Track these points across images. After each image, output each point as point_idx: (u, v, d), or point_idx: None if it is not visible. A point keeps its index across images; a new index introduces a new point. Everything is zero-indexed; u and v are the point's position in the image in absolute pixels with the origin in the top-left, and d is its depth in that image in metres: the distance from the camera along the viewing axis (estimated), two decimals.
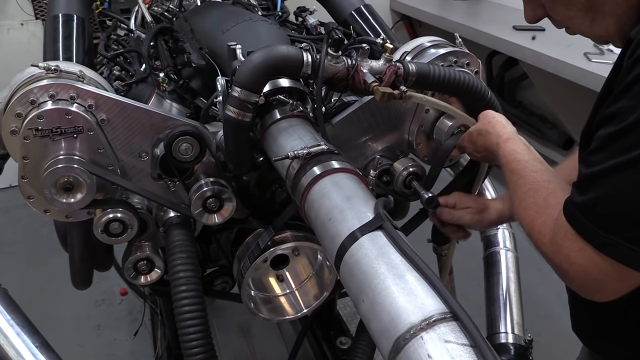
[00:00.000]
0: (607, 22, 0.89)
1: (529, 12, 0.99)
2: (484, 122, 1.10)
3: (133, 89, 1.34)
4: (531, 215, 0.90)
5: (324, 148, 0.98)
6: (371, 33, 1.64)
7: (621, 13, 0.87)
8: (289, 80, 1.17)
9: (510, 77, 4.18)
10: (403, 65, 1.06)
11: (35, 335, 1.14)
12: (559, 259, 0.84)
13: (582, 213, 0.80)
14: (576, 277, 0.83)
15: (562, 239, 0.82)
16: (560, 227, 0.83)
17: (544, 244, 0.87)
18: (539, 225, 0.88)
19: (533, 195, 0.92)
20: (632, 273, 0.78)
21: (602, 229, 0.77)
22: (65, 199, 1.09)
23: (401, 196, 1.29)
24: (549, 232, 0.85)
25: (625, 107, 0.75)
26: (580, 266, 0.81)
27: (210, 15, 1.56)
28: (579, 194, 0.81)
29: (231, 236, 1.40)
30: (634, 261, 0.77)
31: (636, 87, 0.74)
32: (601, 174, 0.78)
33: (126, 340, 2.61)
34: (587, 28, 0.93)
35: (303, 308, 1.34)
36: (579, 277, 0.83)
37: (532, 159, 0.97)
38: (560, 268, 0.85)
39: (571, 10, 0.92)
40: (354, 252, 0.79)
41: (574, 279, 0.84)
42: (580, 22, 0.93)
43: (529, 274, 2.50)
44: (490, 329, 1.53)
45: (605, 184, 0.77)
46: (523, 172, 0.95)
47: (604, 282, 0.81)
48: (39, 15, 3.74)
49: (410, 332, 0.65)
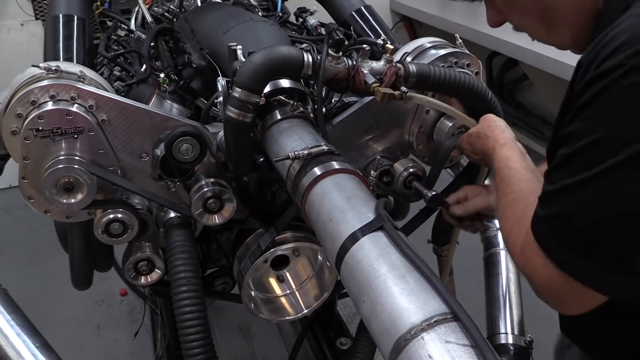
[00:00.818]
0: (561, 31, 0.91)
1: (491, 17, 1.01)
2: (483, 126, 1.10)
3: (133, 90, 1.34)
4: (509, 225, 0.90)
5: (325, 149, 0.98)
6: (371, 34, 1.64)
7: (575, 23, 0.89)
8: (289, 80, 1.17)
9: (510, 78, 4.18)
10: (403, 66, 1.06)
11: (36, 336, 1.14)
12: (527, 270, 0.84)
13: (544, 227, 0.80)
14: (542, 291, 0.83)
15: (530, 251, 0.82)
16: (528, 240, 0.83)
17: (516, 255, 0.87)
18: (513, 236, 0.88)
19: (514, 205, 0.92)
20: (592, 291, 0.76)
21: (561, 246, 0.77)
22: (66, 199, 1.09)
23: (402, 197, 1.29)
24: (520, 243, 0.85)
25: (578, 129, 0.76)
26: (544, 281, 0.81)
27: (210, 15, 1.56)
28: (541, 208, 0.81)
29: (231, 237, 1.40)
30: (591, 280, 0.75)
31: (587, 110, 0.74)
32: (557, 192, 0.78)
33: (126, 340, 2.61)
34: (544, 36, 0.95)
35: (303, 308, 1.34)
36: (544, 291, 0.83)
37: (523, 167, 0.97)
38: (529, 279, 0.85)
39: (526, 19, 0.94)
40: (354, 253, 0.79)
41: (540, 291, 0.84)
42: (537, 31, 0.95)
43: None
44: (491, 330, 1.53)
45: (560, 202, 0.77)
46: (511, 181, 0.95)
47: (566, 298, 0.81)
48: (39, 15, 3.74)
49: (411, 333, 0.64)
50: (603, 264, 0.74)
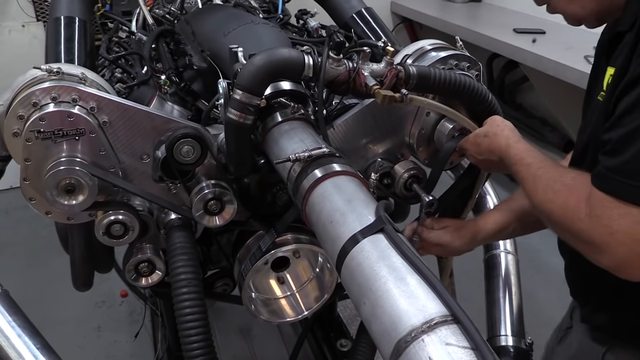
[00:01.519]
0: (583, 0, 0.95)
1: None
2: (492, 125, 1.11)
3: (135, 91, 1.35)
4: (563, 195, 0.90)
5: (325, 151, 0.99)
6: (372, 36, 1.65)
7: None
8: (290, 83, 1.17)
9: (510, 80, 4.18)
10: (404, 68, 1.07)
11: (37, 337, 1.14)
12: (599, 230, 0.83)
13: (621, 174, 0.79)
14: (620, 247, 0.81)
15: (600, 208, 0.82)
16: (596, 199, 0.83)
17: (580, 220, 0.86)
18: (573, 202, 0.87)
19: (560, 179, 0.92)
20: None
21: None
22: (67, 201, 1.09)
23: (402, 199, 1.29)
24: (584, 206, 0.85)
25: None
26: (625, 233, 0.79)
27: (211, 17, 1.56)
28: (612, 159, 0.81)
29: (232, 238, 1.40)
30: None
31: None
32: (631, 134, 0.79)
33: (126, 341, 2.61)
34: (565, 4, 0.98)
35: (304, 310, 1.34)
36: (623, 246, 0.81)
37: (543, 156, 1.00)
38: (600, 242, 0.83)
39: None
40: (355, 255, 0.79)
41: (616, 250, 0.82)
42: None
43: (529, 276, 2.51)
44: (491, 332, 1.53)
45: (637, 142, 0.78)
46: (542, 163, 0.97)
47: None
48: (40, 17, 3.75)
49: (411, 335, 0.65)
50: None
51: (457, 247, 1.23)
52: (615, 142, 0.83)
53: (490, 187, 1.69)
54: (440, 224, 1.24)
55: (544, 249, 3.03)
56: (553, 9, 1.03)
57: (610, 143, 0.85)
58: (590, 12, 0.97)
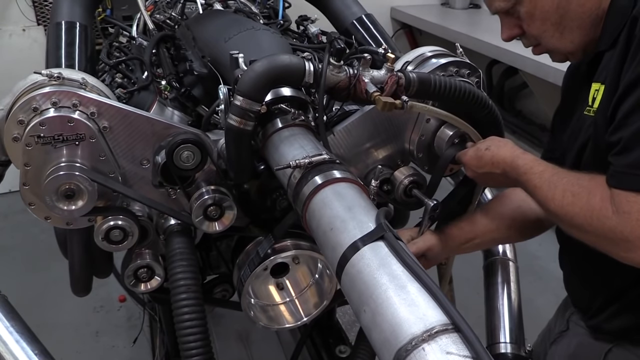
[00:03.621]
0: (573, 35, 1.03)
1: (506, 31, 1.12)
2: (493, 140, 1.14)
3: (135, 97, 1.35)
4: (584, 197, 0.92)
5: (326, 157, 0.98)
6: (372, 42, 1.65)
7: (585, 27, 1.02)
8: (290, 89, 1.17)
9: (510, 86, 4.20)
10: (404, 74, 1.07)
11: (35, 343, 1.14)
12: (630, 226, 0.85)
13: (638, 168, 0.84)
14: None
15: (627, 204, 0.85)
16: (619, 197, 0.86)
17: (608, 217, 0.88)
18: (597, 202, 0.90)
19: (577, 182, 0.95)
20: None
21: None
22: (67, 206, 1.09)
23: (402, 205, 1.29)
24: (609, 205, 0.87)
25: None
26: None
27: (212, 23, 1.57)
28: (626, 156, 0.86)
29: (231, 244, 1.40)
30: None
31: None
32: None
33: (124, 347, 2.60)
34: (557, 41, 1.05)
35: (303, 316, 1.34)
36: None
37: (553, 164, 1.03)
38: (634, 237, 0.85)
39: (545, 25, 1.04)
40: (355, 262, 0.79)
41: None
42: (551, 35, 1.05)
43: (528, 283, 2.50)
44: (490, 339, 1.53)
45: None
46: (554, 170, 1.00)
47: None
48: (40, 21, 3.76)
49: (411, 343, 0.64)
50: None
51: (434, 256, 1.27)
52: (626, 140, 0.87)
53: (489, 193, 1.69)
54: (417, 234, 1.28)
55: (543, 256, 3.03)
56: (541, 50, 1.11)
57: (621, 142, 0.88)
58: (578, 46, 1.05)
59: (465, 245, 1.28)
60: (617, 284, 1.08)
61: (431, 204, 1.18)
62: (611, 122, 0.93)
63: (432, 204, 1.18)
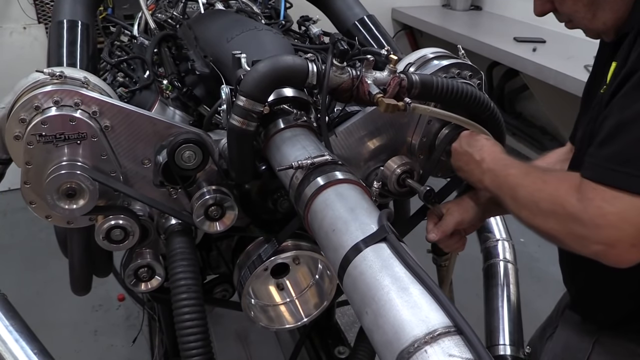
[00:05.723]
0: (605, 16, 1.02)
1: (539, 6, 1.11)
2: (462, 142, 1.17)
3: (136, 96, 1.34)
4: (553, 183, 0.94)
5: (328, 158, 0.98)
6: (374, 43, 1.65)
7: (618, 9, 1.00)
8: (293, 89, 1.17)
9: (510, 88, 4.20)
10: (407, 76, 1.07)
11: (34, 342, 1.14)
12: (589, 214, 0.85)
13: (613, 162, 0.84)
14: (611, 229, 0.84)
15: (592, 192, 0.85)
16: (587, 185, 0.86)
17: (572, 204, 0.88)
18: (565, 187, 0.91)
19: (550, 172, 0.99)
20: None
21: (638, 169, 0.81)
22: (68, 205, 1.09)
23: (395, 195, 1.27)
24: (576, 192, 0.88)
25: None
26: (616, 214, 0.83)
27: (214, 23, 1.56)
28: (604, 149, 0.86)
29: (232, 244, 1.40)
30: None
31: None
32: (628, 120, 0.84)
33: (123, 346, 2.60)
34: (588, 22, 1.05)
35: (303, 317, 1.34)
36: (614, 228, 0.83)
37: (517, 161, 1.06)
38: (592, 223, 0.85)
39: (577, 5, 1.04)
40: (357, 264, 0.79)
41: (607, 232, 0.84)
42: (583, 16, 1.05)
43: (528, 285, 2.50)
44: (489, 341, 1.53)
45: (633, 127, 0.83)
46: (532, 165, 1.03)
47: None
48: (41, 19, 3.76)
49: (414, 346, 0.64)
50: None
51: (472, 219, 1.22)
52: (606, 132, 0.88)
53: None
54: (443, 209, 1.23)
55: (542, 258, 3.03)
56: (573, 26, 1.10)
57: (601, 134, 0.89)
58: (610, 27, 1.04)
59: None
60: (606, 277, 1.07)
61: (425, 190, 1.17)
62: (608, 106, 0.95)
63: (426, 190, 1.17)
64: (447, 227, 1.19)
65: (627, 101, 0.87)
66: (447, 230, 1.19)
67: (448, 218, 1.20)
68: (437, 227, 1.20)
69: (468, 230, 1.26)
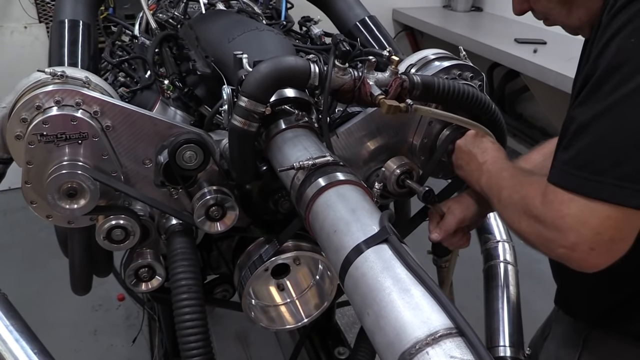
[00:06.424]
0: (580, 12, 1.03)
1: (517, 5, 1.12)
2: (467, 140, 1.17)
3: (137, 96, 1.34)
4: (527, 186, 0.96)
5: (329, 159, 0.98)
6: (375, 44, 1.65)
7: (591, 5, 1.00)
8: (294, 90, 1.17)
9: (511, 90, 4.20)
10: (409, 77, 1.07)
11: (34, 342, 1.14)
12: (551, 214, 0.87)
13: (570, 166, 0.85)
14: (570, 232, 0.84)
15: (553, 194, 0.87)
16: (549, 189, 0.88)
17: (535, 206, 0.90)
18: (533, 190, 0.93)
19: (530, 175, 1.00)
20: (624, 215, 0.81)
21: (592, 173, 0.82)
22: (69, 205, 1.09)
23: (395, 196, 1.27)
24: (541, 194, 0.89)
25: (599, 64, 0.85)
26: (574, 216, 0.84)
27: (215, 23, 1.56)
28: (564, 153, 0.87)
29: (232, 244, 1.39)
30: (625, 198, 0.80)
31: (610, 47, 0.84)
32: (585, 124, 0.85)
33: (123, 346, 2.60)
34: (565, 18, 1.06)
35: (303, 317, 1.34)
36: (572, 231, 0.84)
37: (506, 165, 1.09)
38: (552, 225, 0.87)
39: (551, 3, 1.05)
40: (359, 265, 0.78)
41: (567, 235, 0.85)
42: (558, 12, 1.05)
43: (528, 287, 2.50)
44: (489, 342, 1.53)
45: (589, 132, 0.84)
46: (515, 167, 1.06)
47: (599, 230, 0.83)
48: (42, 18, 3.76)
49: (415, 347, 0.64)
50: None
51: (474, 215, 1.22)
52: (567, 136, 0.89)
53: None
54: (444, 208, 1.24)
55: (543, 260, 3.01)
56: (551, 22, 1.11)
57: (565, 138, 0.90)
58: (585, 23, 1.04)
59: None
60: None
61: (423, 191, 1.17)
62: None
63: (425, 190, 1.17)
64: (449, 226, 1.19)
65: (583, 106, 0.87)
66: (449, 229, 1.19)
67: (449, 217, 1.20)
68: (439, 227, 1.20)
69: (471, 227, 1.27)
